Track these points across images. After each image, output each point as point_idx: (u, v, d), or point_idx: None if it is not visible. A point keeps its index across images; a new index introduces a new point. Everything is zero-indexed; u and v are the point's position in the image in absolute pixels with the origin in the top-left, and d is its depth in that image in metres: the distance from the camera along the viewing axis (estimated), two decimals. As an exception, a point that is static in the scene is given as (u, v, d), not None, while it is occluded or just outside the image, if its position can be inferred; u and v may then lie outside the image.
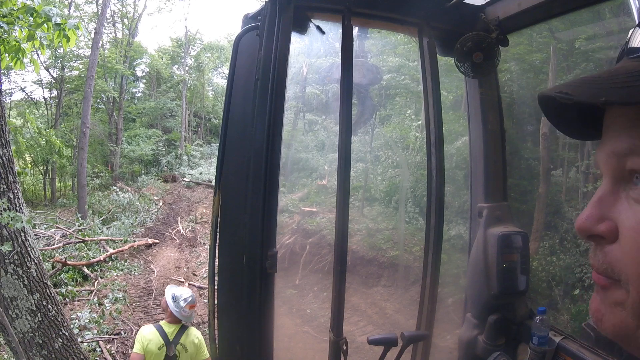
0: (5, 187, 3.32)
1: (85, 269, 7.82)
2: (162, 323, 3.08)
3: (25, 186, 14.95)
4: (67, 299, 6.58)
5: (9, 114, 16.60)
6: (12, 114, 17.60)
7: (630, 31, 0.43)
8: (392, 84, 9.41)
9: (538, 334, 1.42)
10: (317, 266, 7.72)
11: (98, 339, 5.34)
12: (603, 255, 0.41)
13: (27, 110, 17.37)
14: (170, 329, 3.03)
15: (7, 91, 16.91)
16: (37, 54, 8.03)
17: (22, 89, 18.19)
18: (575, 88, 0.40)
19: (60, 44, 3.77)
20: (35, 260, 3.53)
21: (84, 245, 9.00)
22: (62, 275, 7.30)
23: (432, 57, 1.67)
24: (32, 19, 3.56)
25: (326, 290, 6.65)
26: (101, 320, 5.80)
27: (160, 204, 14.81)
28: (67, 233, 9.43)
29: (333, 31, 1.60)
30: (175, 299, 3.04)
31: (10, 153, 3.40)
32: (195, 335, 3.11)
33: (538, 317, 1.44)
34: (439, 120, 1.67)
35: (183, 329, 3.06)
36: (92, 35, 14.39)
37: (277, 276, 1.44)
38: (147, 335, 2.96)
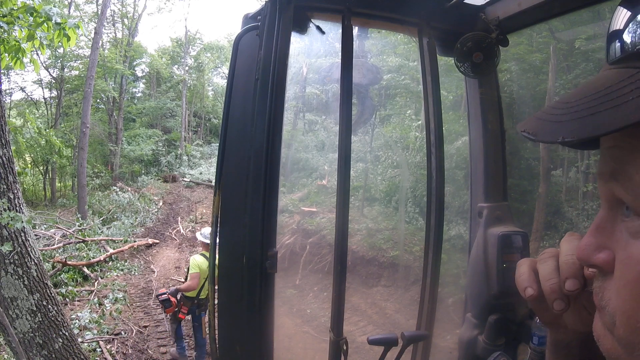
0: (5, 187, 3.32)
1: (85, 269, 7.82)
2: (203, 252, 4.71)
3: (25, 186, 14.94)
4: (67, 299, 6.58)
5: (9, 114, 16.59)
6: (12, 114, 17.59)
7: (608, 32, 0.38)
8: (392, 84, 9.41)
9: (538, 334, 1.42)
10: (317, 266, 7.72)
11: (98, 339, 5.34)
12: (601, 281, 0.39)
13: (27, 110, 17.38)
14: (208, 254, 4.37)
15: (7, 91, 16.91)
16: (37, 54, 8.04)
17: (22, 89, 18.23)
18: (537, 126, 0.38)
19: (60, 43, 3.77)
20: (36, 261, 3.53)
21: (84, 245, 9.00)
22: (62, 276, 7.30)
23: (432, 57, 1.67)
24: (32, 18, 3.56)
25: (326, 290, 6.65)
26: (101, 321, 5.80)
27: (160, 204, 14.80)
28: (67, 233, 9.42)
29: (333, 31, 1.60)
30: (203, 234, 4.75)
31: (10, 153, 3.40)
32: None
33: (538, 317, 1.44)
34: (439, 120, 1.67)
35: None
36: (92, 35, 14.39)
37: (277, 276, 1.44)
38: (199, 260, 4.63)
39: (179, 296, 4.69)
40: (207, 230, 4.84)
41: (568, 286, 0.43)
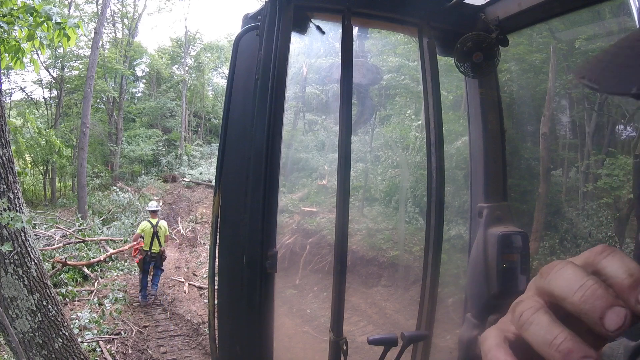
0: (5, 187, 3.32)
1: (85, 269, 7.82)
2: (149, 219, 7.08)
3: (25, 186, 14.95)
4: (67, 299, 6.58)
5: (9, 114, 16.59)
6: (12, 114, 17.59)
7: None
8: (392, 84, 9.42)
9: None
10: (317, 266, 7.72)
11: (98, 339, 5.34)
12: None
13: (27, 110, 17.36)
14: (153, 220, 7.01)
15: (7, 91, 16.92)
16: (37, 54, 8.04)
17: (22, 89, 18.23)
18: (600, 72, 0.30)
19: (60, 43, 3.76)
20: (36, 261, 3.52)
21: (84, 245, 9.00)
22: (62, 276, 7.30)
23: (432, 57, 1.67)
24: (32, 18, 3.56)
25: (326, 290, 6.65)
26: (101, 320, 5.80)
27: (161, 203, 14.79)
28: (67, 233, 9.42)
29: (333, 31, 1.60)
30: (149, 205, 7.56)
31: (10, 153, 3.40)
32: (163, 223, 7.21)
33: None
34: (439, 120, 1.67)
35: (159, 220, 7.06)
36: (92, 35, 14.40)
37: (277, 276, 1.44)
38: (143, 224, 7.08)
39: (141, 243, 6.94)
40: (153, 202, 7.68)
41: (613, 322, 0.25)
